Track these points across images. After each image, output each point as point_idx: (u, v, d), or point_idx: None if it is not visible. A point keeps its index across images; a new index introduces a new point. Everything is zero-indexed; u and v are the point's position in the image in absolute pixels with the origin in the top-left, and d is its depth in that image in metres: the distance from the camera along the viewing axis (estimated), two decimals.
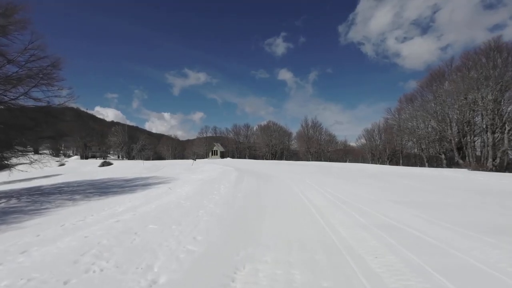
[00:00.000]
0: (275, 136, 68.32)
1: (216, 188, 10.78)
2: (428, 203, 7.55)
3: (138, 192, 12.95)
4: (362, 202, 7.61)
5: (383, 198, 8.30)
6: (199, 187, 11.51)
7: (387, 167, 23.66)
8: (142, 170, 36.49)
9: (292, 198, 8.46)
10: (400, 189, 10.55)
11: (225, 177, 16.15)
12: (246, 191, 9.99)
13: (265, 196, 8.97)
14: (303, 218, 5.97)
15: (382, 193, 9.47)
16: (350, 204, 7.36)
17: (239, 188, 10.67)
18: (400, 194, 9.37)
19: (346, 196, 8.75)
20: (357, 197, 8.49)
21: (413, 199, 8.19)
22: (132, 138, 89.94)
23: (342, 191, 9.76)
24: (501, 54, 23.20)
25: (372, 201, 7.78)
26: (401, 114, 38.07)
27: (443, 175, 16.82)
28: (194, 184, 13.55)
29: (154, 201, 8.63)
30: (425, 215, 6.10)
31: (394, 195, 9.08)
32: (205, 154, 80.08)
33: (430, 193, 9.49)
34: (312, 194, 9.12)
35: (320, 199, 8.19)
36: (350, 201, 7.86)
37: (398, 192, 9.72)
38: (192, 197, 8.66)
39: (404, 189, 10.50)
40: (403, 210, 6.66)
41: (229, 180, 13.75)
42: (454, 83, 26.34)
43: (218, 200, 7.97)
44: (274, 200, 8.09)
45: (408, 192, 9.74)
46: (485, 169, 23.41)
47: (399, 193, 9.48)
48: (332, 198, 8.32)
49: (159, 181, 18.40)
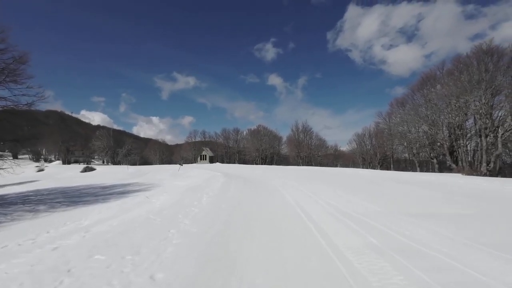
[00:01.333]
0: (265, 140, 67.22)
1: (198, 197, 9.43)
2: (445, 216, 6.47)
3: (112, 202, 11.52)
4: (368, 215, 6.46)
5: (392, 209, 7.18)
6: (179, 196, 10.13)
7: (383, 172, 22.84)
8: (125, 175, 34.71)
9: (285, 211, 7.22)
10: (405, 198, 9.49)
11: (211, 184, 14.80)
12: (233, 201, 8.70)
13: (254, 208, 7.70)
14: (301, 240, 4.73)
15: (388, 202, 8.37)
16: (355, 218, 6.19)
17: (225, 198, 9.36)
18: (408, 203, 8.29)
19: (347, 207, 7.59)
20: (361, 208, 7.34)
21: (426, 210, 7.10)
22: (118, 142, 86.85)
23: (342, 201, 8.60)
24: (492, 57, 22.97)
25: (379, 214, 6.64)
26: (392, 118, 37.72)
27: (442, 180, 16.00)
28: (175, 192, 12.15)
29: (121, 215, 7.24)
30: (451, 232, 4.98)
31: (402, 205, 7.98)
32: (194, 159, 78.05)
33: (441, 202, 8.46)
34: (308, 205, 7.92)
35: (319, 212, 6.99)
36: (354, 213, 6.70)
37: (405, 201, 8.64)
38: (167, 210, 7.29)
39: (410, 198, 9.45)
40: (421, 225, 5.53)
41: (214, 188, 12.40)
42: (447, 86, 25.99)
43: (197, 214, 6.65)
44: (264, 214, 6.83)
45: (417, 201, 8.68)
46: (478, 174, 22.91)
47: (407, 203, 8.40)
48: (332, 210, 7.13)
49: (139, 188, 16.88)
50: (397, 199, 9.14)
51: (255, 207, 7.68)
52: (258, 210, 7.23)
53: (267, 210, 7.29)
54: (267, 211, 7.15)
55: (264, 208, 7.58)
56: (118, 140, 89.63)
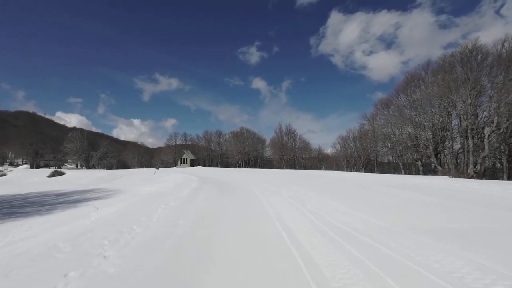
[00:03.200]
0: (248, 143, 65.35)
1: (153, 208, 7.38)
2: (469, 232, 4.85)
3: (54, 214, 9.39)
4: (373, 234, 4.73)
5: (398, 223, 5.50)
6: (131, 207, 8.03)
7: (371, 176, 21.59)
8: (93, 180, 31.83)
9: (263, 230, 5.36)
10: (408, 206, 7.91)
11: (180, 190, 12.72)
12: (196, 215, 6.74)
13: (223, 224, 5.78)
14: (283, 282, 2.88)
15: (389, 213, 6.71)
16: (357, 240, 4.43)
17: (187, 209, 7.38)
18: (415, 214, 6.67)
19: (342, 220, 5.85)
20: (360, 223, 5.62)
21: (443, 225, 5.46)
22: (94, 145, 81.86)
23: (333, 211, 6.86)
24: (477, 57, 22.49)
25: (386, 231, 4.93)
26: (376, 120, 37.08)
27: (436, 183, 14.80)
28: (132, 201, 10.01)
29: (43, 234, 5.16)
30: (494, 262, 3.31)
31: (408, 216, 6.35)
32: (174, 162, 74.73)
33: (453, 211, 6.91)
34: (293, 220, 6.10)
35: (307, 230, 5.18)
36: (353, 231, 4.95)
37: (410, 211, 7.02)
38: (98, 229, 5.23)
39: (413, 206, 7.87)
40: (446, 249, 3.85)
41: (181, 195, 10.36)
42: (432, 85, 25.36)
43: (136, 238, 4.65)
44: (233, 237, 4.94)
45: (424, 211, 7.09)
46: (465, 176, 22.21)
47: (413, 213, 6.78)
48: (323, 227, 5.35)
49: (99, 195, 14.55)
50: (398, 208, 7.53)
51: (224, 225, 5.77)
52: (227, 230, 5.33)
53: (238, 229, 5.40)
54: (238, 231, 5.26)
55: (235, 225, 5.68)
56: (94, 142, 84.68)
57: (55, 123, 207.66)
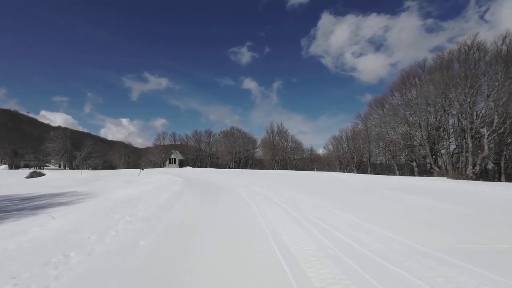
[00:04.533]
0: (239, 143, 63.74)
1: (115, 220, 5.83)
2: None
3: (5, 223, 7.68)
4: (403, 260, 3.37)
5: (430, 243, 4.16)
6: (90, 218, 6.44)
7: (368, 177, 20.47)
8: (72, 182, 29.70)
9: (255, 253, 3.91)
10: (426, 215, 6.62)
11: (160, 193, 11.13)
12: (168, 230, 5.23)
13: (201, 248, 4.30)
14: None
15: (411, 226, 5.39)
16: (386, 271, 3.05)
17: (160, 221, 5.86)
18: (439, 227, 5.36)
19: (353, 237, 4.47)
20: (380, 242, 4.25)
21: (488, 245, 4.16)
22: (78, 145, 78.38)
23: (341, 225, 5.48)
24: (477, 53, 21.74)
25: (418, 254, 3.57)
26: (370, 119, 36.23)
27: (438, 186, 13.73)
28: (96, 208, 8.38)
29: None
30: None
31: (434, 230, 5.03)
32: (162, 162, 72.33)
33: (486, 224, 5.65)
34: (292, 237, 4.68)
35: (312, 251, 3.77)
36: (376, 256, 3.57)
37: (432, 223, 5.72)
38: (11, 262, 3.68)
39: (431, 215, 6.58)
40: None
41: (157, 200, 8.79)
42: (429, 83, 24.54)
43: (58, 279, 3.14)
44: (214, 267, 3.47)
45: (450, 223, 5.80)
46: (465, 178, 21.42)
47: (437, 226, 5.48)
48: (334, 247, 3.95)
49: (69, 200, 12.76)
50: (416, 218, 6.23)
51: (202, 248, 4.28)
52: (204, 259, 3.85)
53: (221, 256, 3.93)
54: (221, 259, 3.79)
55: (218, 249, 4.21)
56: (79, 142, 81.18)
57: (39, 122, 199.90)
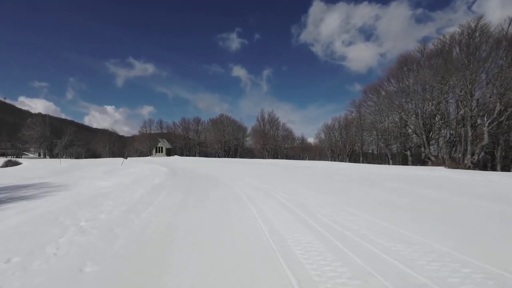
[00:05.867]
0: (229, 131, 61.91)
1: (63, 228, 4.28)
2: None
3: None
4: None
5: (492, 258, 2.87)
6: (31, 224, 4.86)
7: (365, 166, 19.43)
8: (48, 172, 27.60)
9: (261, 279, 2.47)
10: (455, 214, 5.38)
11: (136, 187, 9.54)
12: (130, 248, 3.73)
13: (175, 278, 2.82)
14: None
15: (457, 233, 4.10)
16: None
17: (124, 229, 4.34)
18: (484, 232, 4.10)
19: (395, 252, 3.12)
20: (438, 262, 2.91)
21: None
22: (59, 132, 74.44)
23: (365, 230, 4.12)
24: (480, 38, 20.66)
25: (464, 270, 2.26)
26: (365, 107, 35.22)
27: (445, 176, 12.74)
28: (58, 205, 6.75)
29: None
30: None
31: (481, 238, 3.76)
32: (149, 151, 69.78)
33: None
34: (309, 252, 3.26)
35: (342, 276, 2.39)
36: (418, 274, 2.23)
37: (472, 226, 4.46)
38: None
39: (465, 215, 5.36)
40: None
41: (129, 199, 7.21)
42: (427, 69, 23.45)
43: None
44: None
45: (495, 226, 4.57)
46: (463, 167, 20.76)
47: (480, 231, 4.22)
48: (375, 273, 2.58)
49: (34, 193, 10.97)
50: (451, 220, 4.96)
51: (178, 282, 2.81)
52: None
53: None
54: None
55: (202, 280, 2.76)
56: (61, 130, 77.13)
57: (17, 109, 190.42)
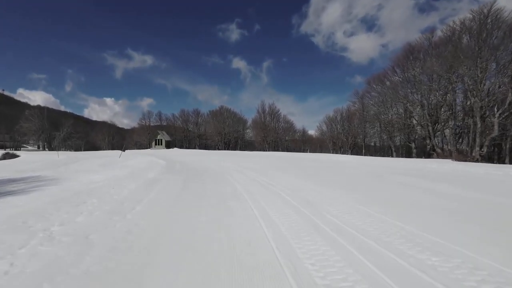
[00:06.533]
0: (229, 123, 61.09)
1: (26, 235, 3.62)
2: None
3: None
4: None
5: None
6: (3, 225, 4.20)
7: (372, 160, 18.75)
8: (44, 165, 26.95)
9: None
10: (487, 217, 4.70)
11: (129, 181, 8.87)
12: (103, 264, 3.06)
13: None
14: None
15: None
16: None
17: (102, 235, 3.67)
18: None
19: (431, 267, 2.43)
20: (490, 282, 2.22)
21: None
22: (59, 125, 73.72)
23: (383, 233, 3.43)
24: (493, 24, 19.61)
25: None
26: (368, 98, 34.29)
27: (459, 170, 12.04)
28: (36, 203, 6.09)
29: None
30: None
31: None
32: (148, 143, 69.13)
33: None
34: (324, 264, 2.58)
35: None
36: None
37: (507, 231, 3.77)
38: None
39: (498, 216, 4.68)
40: None
41: (117, 196, 6.54)
42: (434, 58, 22.48)
43: None
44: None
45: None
46: (471, 160, 20.07)
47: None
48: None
49: (23, 188, 10.28)
50: (497, 226, 4.28)
51: None
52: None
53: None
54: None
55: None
56: (60, 122, 76.37)
57: (16, 101, 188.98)
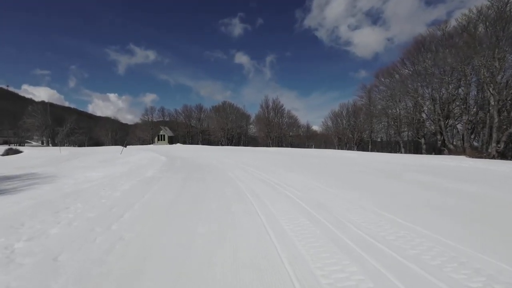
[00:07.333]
0: (232, 119, 60.31)
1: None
2: None
3: None
4: None
5: None
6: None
7: (382, 156, 17.93)
8: (45, 161, 26.60)
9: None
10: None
11: (125, 180, 8.22)
12: (79, 280, 2.38)
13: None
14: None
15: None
16: None
17: (89, 242, 3.00)
18: None
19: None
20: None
21: None
22: (63, 121, 73.49)
23: (417, 246, 2.70)
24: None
25: None
26: (376, 92, 33.25)
27: (481, 168, 11.23)
28: (12, 209, 5.44)
29: None
30: None
31: None
32: (151, 139, 68.71)
33: None
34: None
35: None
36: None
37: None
38: None
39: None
40: None
41: (114, 193, 5.88)
42: (448, 49, 21.43)
43: None
44: None
45: None
46: (487, 156, 19.15)
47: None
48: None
49: (15, 186, 9.69)
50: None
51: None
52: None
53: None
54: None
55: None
56: (63, 118, 76.15)
57: (20, 97, 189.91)
